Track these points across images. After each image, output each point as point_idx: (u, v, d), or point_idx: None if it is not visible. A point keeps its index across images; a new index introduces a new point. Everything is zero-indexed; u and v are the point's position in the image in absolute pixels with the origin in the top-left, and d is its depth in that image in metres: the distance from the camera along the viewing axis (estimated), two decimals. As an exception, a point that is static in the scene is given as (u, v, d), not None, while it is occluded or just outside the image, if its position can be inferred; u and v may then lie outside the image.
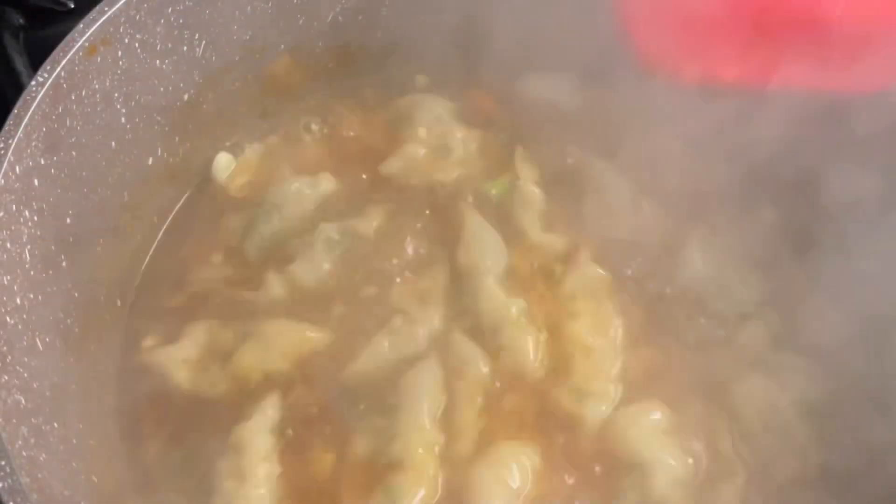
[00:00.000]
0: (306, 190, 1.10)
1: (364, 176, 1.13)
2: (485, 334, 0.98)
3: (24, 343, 0.84)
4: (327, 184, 1.11)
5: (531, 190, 1.09)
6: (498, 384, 0.96)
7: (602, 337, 0.98)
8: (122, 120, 0.99)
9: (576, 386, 0.95)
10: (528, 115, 1.15)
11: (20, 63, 1.17)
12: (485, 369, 0.96)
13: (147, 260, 1.09)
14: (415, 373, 0.95)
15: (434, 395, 0.94)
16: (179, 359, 0.99)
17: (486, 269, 1.02)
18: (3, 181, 0.82)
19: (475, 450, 0.92)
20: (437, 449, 0.91)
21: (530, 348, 0.97)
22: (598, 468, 0.92)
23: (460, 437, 0.92)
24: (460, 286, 1.02)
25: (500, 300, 0.99)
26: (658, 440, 0.92)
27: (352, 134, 1.18)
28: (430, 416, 0.92)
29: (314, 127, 1.18)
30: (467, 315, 1.00)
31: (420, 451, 0.90)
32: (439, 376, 0.95)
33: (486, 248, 1.04)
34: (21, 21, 1.22)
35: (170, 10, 0.98)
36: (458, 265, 1.03)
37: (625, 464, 0.91)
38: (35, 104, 0.85)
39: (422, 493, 0.88)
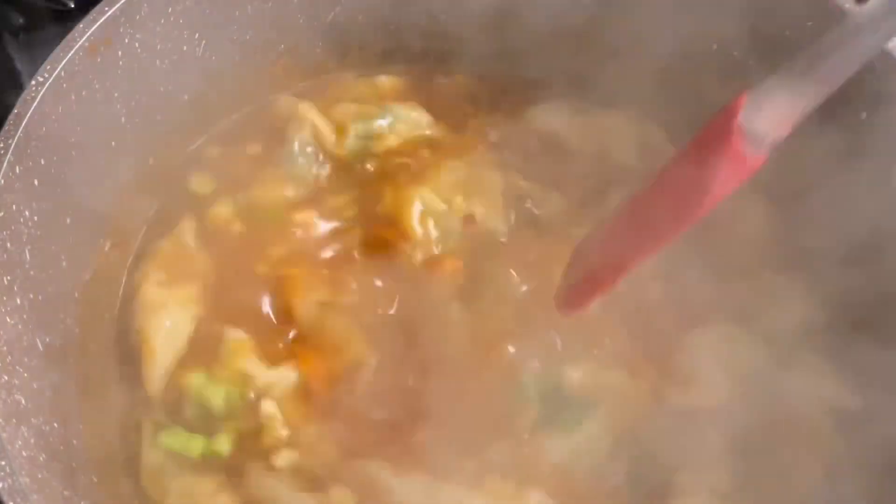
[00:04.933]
0: None
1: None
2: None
3: (24, 343, 0.84)
4: None
5: None
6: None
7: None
8: (122, 120, 0.99)
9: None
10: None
11: (20, 63, 1.17)
12: None
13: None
14: None
15: None
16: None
17: None
18: (3, 181, 0.82)
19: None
20: None
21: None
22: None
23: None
24: None
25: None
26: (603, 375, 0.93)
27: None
28: None
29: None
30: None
31: None
32: None
33: None
34: (21, 21, 1.22)
35: (170, 10, 0.98)
36: None
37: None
38: (35, 104, 0.85)
39: None
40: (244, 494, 0.89)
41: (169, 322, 0.97)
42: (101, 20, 0.91)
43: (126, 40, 0.95)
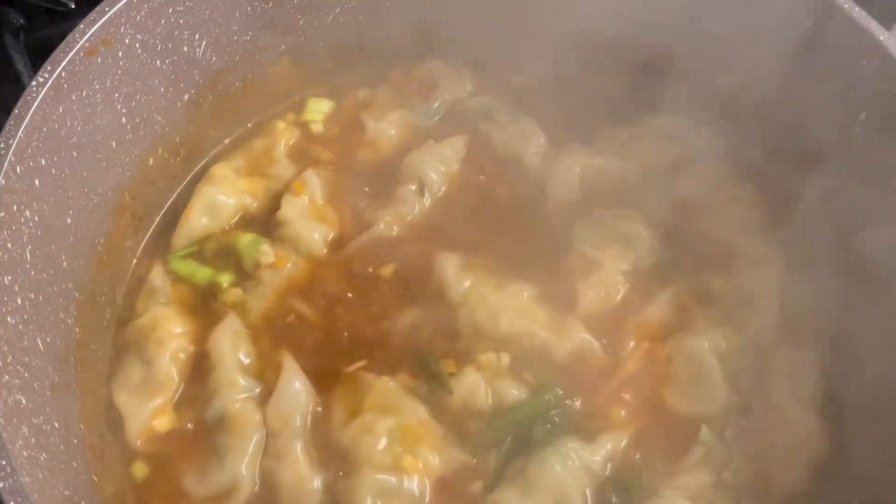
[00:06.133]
0: None
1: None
2: None
3: (24, 343, 0.84)
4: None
5: None
6: None
7: None
8: (122, 120, 0.99)
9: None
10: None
11: (20, 63, 1.17)
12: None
13: (147, 259, 1.09)
14: None
15: None
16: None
17: None
18: (3, 181, 0.82)
19: None
20: None
21: None
22: None
23: None
24: None
25: None
26: None
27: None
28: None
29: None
30: None
31: None
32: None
33: None
34: (21, 21, 1.22)
35: (170, 10, 0.98)
36: None
37: None
38: (35, 104, 0.85)
39: None
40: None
41: (221, 197, 1.08)
42: (102, 20, 0.91)
43: (126, 40, 0.95)
